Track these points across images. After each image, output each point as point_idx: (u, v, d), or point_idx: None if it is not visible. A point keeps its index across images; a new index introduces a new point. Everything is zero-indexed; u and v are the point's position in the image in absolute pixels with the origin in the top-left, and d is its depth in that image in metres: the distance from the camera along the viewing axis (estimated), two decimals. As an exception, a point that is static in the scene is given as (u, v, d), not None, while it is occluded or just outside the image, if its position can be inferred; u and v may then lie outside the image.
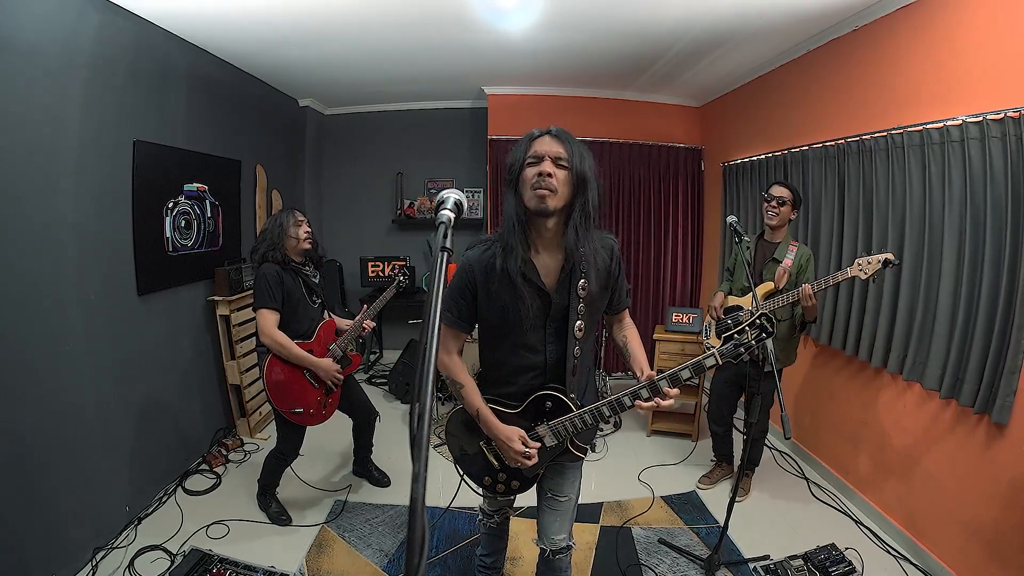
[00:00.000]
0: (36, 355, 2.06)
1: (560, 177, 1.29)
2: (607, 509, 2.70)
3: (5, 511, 1.90)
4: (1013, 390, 1.90)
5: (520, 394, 1.47)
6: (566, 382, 1.44)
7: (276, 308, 2.30)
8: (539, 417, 1.46)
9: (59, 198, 2.17)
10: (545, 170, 1.28)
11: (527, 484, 1.58)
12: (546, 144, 1.32)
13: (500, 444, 1.44)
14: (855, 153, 2.63)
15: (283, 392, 2.36)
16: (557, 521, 1.61)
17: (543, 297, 1.38)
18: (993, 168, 1.93)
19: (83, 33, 2.25)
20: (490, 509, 1.83)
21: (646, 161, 4.57)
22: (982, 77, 2.01)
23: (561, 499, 1.60)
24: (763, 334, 1.36)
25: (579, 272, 1.38)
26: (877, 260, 2.13)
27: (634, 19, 2.81)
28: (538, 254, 1.38)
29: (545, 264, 1.38)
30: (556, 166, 1.30)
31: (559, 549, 1.62)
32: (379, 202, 5.09)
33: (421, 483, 0.55)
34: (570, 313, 1.39)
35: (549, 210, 1.30)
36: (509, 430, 1.43)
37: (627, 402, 1.36)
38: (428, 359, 0.64)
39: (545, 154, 1.30)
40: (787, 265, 2.50)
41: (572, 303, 1.39)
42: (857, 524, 2.55)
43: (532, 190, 1.30)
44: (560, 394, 1.44)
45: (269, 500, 2.60)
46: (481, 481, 1.59)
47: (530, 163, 1.32)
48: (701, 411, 3.48)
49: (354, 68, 3.71)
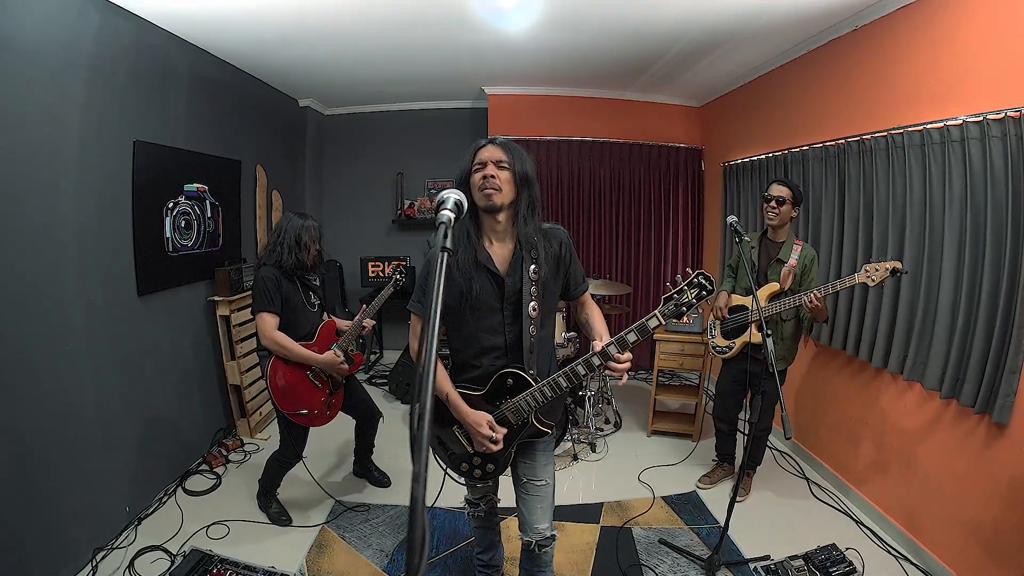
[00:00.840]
0: (36, 355, 2.06)
1: (503, 177, 1.48)
2: (607, 509, 2.70)
3: (5, 511, 1.90)
4: (1014, 390, 1.90)
5: (484, 376, 1.58)
6: (524, 360, 1.55)
7: (275, 311, 2.31)
8: (502, 396, 1.56)
9: (59, 198, 2.17)
10: (488, 172, 1.47)
11: (501, 466, 1.65)
12: (488, 151, 1.51)
13: (469, 429, 1.55)
14: (855, 153, 2.63)
15: (287, 394, 2.36)
16: (538, 508, 1.67)
17: (497, 281, 1.53)
18: (993, 168, 1.93)
19: (83, 33, 2.25)
20: (474, 497, 1.88)
21: (646, 161, 4.58)
22: (982, 77, 2.01)
23: (537, 483, 1.67)
24: (702, 292, 1.44)
25: (530, 258, 1.53)
26: (885, 268, 2.12)
27: (634, 19, 2.81)
28: (491, 244, 1.55)
29: (498, 253, 1.55)
30: (498, 168, 1.49)
31: (544, 540, 1.69)
32: (379, 202, 5.09)
33: (421, 483, 0.55)
34: (523, 295, 1.53)
35: (496, 206, 1.49)
36: (477, 415, 1.54)
37: (581, 370, 1.46)
38: (428, 359, 0.64)
39: (488, 159, 1.49)
40: (792, 266, 2.47)
41: (525, 286, 1.52)
42: (858, 524, 2.54)
43: (480, 191, 1.48)
44: (520, 371, 1.54)
45: (269, 501, 2.60)
46: (459, 468, 1.68)
47: (476, 169, 1.50)
48: (702, 411, 3.48)
49: (354, 68, 3.71)
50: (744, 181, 3.82)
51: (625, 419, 3.79)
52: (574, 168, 4.54)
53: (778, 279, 2.49)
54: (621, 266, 4.72)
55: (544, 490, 1.68)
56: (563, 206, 4.59)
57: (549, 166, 4.51)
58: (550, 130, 4.46)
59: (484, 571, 2.04)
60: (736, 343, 2.64)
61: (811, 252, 2.53)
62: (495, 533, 2.00)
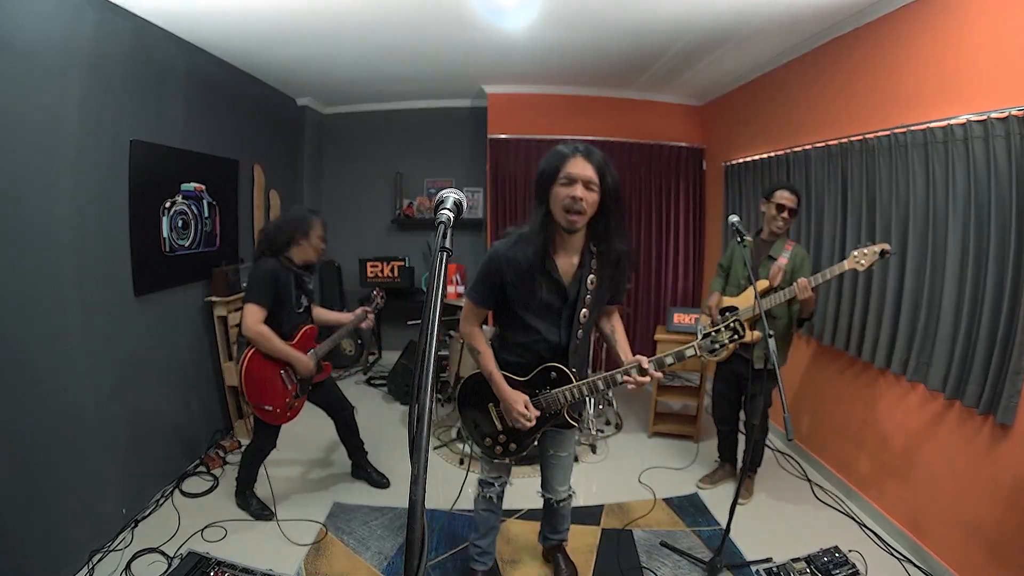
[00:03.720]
0: (34, 355, 2.04)
1: (590, 200, 1.47)
2: (608, 511, 2.68)
3: (5, 511, 1.88)
4: (1018, 391, 1.88)
5: (529, 366, 1.70)
6: (568, 358, 1.67)
7: (266, 306, 2.32)
8: (543, 385, 1.70)
9: (57, 198, 2.15)
10: (577, 195, 1.44)
11: (522, 447, 1.81)
12: (580, 167, 1.45)
13: (506, 404, 1.68)
14: (858, 153, 2.61)
15: (257, 387, 2.38)
16: (560, 474, 1.96)
17: (559, 290, 1.61)
18: (997, 167, 1.92)
19: (81, 32, 2.23)
20: (489, 476, 1.97)
21: (647, 161, 4.56)
22: (986, 76, 1.99)
23: (562, 455, 1.93)
24: (736, 335, 1.59)
25: (589, 270, 1.61)
26: (873, 251, 2.13)
27: (635, 17, 2.80)
28: (557, 254, 1.60)
29: (563, 263, 1.61)
30: (587, 190, 1.46)
31: (563, 498, 2.00)
32: (378, 202, 5.07)
33: (420, 485, 0.54)
34: (578, 303, 1.62)
35: (576, 229, 1.53)
36: (516, 393, 1.68)
37: (618, 378, 1.59)
38: (428, 360, 0.63)
39: (578, 177, 1.45)
40: (782, 263, 2.49)
41: (581, 294, 1.61)
42: (860, 526, 2.53)
43: (564, 212, 1.48)
44: (564, 366, 1.67)
45: (249, 498, 2.60)
46: (483, 442, 1.84)
47: (563, 183, 1.47)
48: (703, 412, 3.47)
49: (353, 67, 3.70)
50: (746, 181, 3.81)
51: (626, 420, 3.78)
52: (574, 168, 4.52)
53: (768, 276, 2.50)
54: (621, 266, 4.70)
55: (567, 460, 1.96)
56: (563, 206, 4.57)
57: (549, 166, 4.49)
58: (550, 129, 4.44)
59: (480, 558, 2.09)
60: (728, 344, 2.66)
61: (802, 253, 2.55)
62: (496, 519, 2.08)
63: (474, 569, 2.10)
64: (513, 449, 1.81)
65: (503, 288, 1.63)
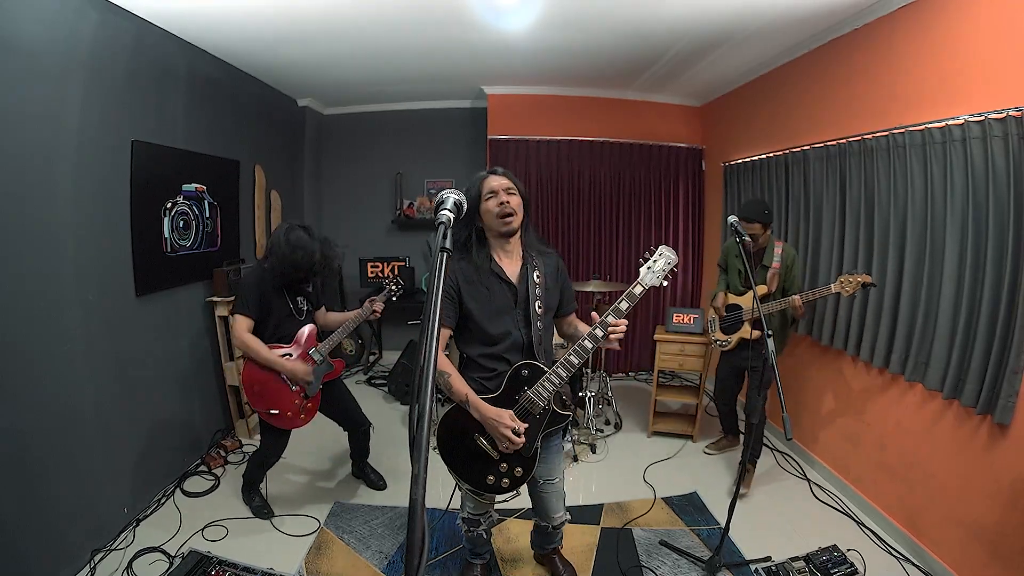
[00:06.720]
0: (35, 355, 2.05)
1: (514, 202, 1.67)
2: (608, 511, 2.69)
3: (5, 511, 1.89)
4: (1016, 391, 1.89)
5: (499, 375, 1.70)
6: (535, 353, 1.72)
7: (250, 316, 2.34)
8: (519, 388, 1.67)
9: (58, 198, 2.16)
10: (503, 199, 1.66)
11: (529, 467, 1.70)
12: (497, 180, 1.68)
13: (490, 424, 1.60)
14: (856, 153, 2.62)
15: (259, 393, 2.38)
16: (554, 502, 1.94)
17: (510, 287, 1.72)
18: (995, 167, 1.92)
19: (82, 33, 2.24)
20: (475, 513, 1.93)
21: (646, 161, 4.57)
22: (984, 76, 2.00)
23: (553, 481, 1.89)
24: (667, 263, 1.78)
25: (533, 266, 1.75)
26: (857, 281, 2.35)
27: (634, 18, 2.80)
28: (501, 260, 1.74)
29: (507, 266, 1.75)
30: (508, 194, 1.67)
31: (559, 524, 1.98)
32: (378, 202, 5.07)
33: (421, 485, 0.55)
34: (530, 299, 1.73)
35: (515, 230, 1.70)
36: (498, 410, 1.61)
37: (588, 344, 1.59)
38: (428, 360, 0.63)
39: (498, 188, 1.67)
40: (776, 268, 2.71)
41: (531, 289, 1.73)
42: (859, 525, 2.54)
43: (498, 218, 1.66)
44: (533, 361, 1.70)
45: (253, 495, 2.62)
46: (485, 481, 1.69)
47: (488, 198, 1.67)
48: (702, 411, 3.48)
49: (353, 68, 3.70)
50: (745, 181, 3.81)
51: (625, 420, 3.78)
52: (574, 168, 4.53)
53: (765, 282, 2.72)
54: (621, 266, 4.71)
55: (558, 485, 1.92)
56: (563, 206, 4.58)
57: (549, 166, 4.50)
58: (550, 130, 4.45)
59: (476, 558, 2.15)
60: (733, 338, 2.90)
61: (791, 251, 2.77)
62: (488, 541, 2.12)
63: (472, 563, 2.14)
64: (520, 474, 1.69)
65: (460, 299, 1.69)
